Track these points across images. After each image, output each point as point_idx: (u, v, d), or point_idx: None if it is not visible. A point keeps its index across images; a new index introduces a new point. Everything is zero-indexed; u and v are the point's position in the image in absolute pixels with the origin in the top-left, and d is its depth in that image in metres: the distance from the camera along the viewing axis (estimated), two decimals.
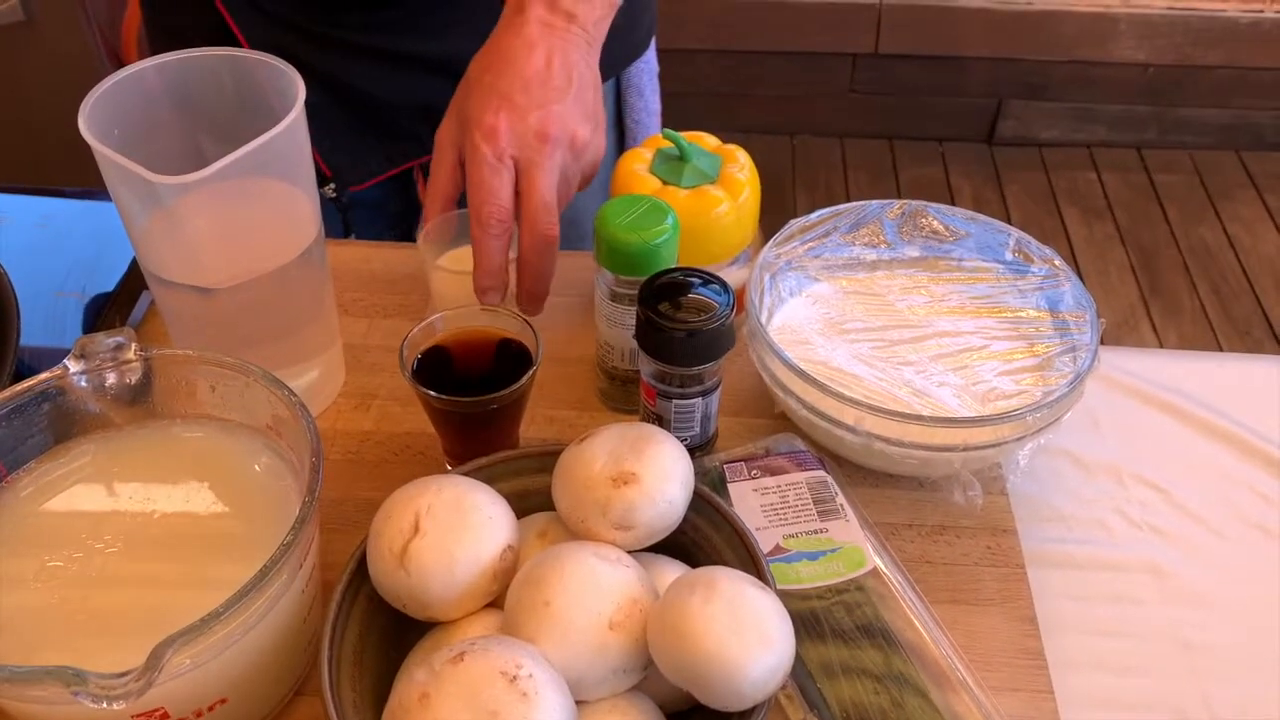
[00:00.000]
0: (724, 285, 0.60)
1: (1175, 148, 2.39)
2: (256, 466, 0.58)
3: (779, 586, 0.58)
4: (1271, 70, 2.28)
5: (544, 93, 0.64)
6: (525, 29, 0.66)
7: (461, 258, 0.72)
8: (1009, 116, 2.37)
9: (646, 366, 0.62)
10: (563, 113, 0.64)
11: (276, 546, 0.48)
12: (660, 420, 0.64)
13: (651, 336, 0.60)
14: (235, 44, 0.74)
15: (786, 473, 0.65)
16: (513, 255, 0.68)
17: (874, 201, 0.72)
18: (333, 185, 0.90)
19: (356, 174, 0.90)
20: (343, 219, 0.95)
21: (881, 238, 0.72)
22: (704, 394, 0.62)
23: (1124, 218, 2.24)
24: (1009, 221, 0.73)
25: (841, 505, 0.63)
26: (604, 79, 0.94)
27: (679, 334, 0.59)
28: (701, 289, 0.60)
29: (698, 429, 0.64)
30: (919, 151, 2.40)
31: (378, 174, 0.90)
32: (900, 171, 2.35)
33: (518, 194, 0.64)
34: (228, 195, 0.60)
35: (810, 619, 0.58)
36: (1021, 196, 2.28)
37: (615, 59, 0.94)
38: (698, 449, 0.66)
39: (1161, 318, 2.04)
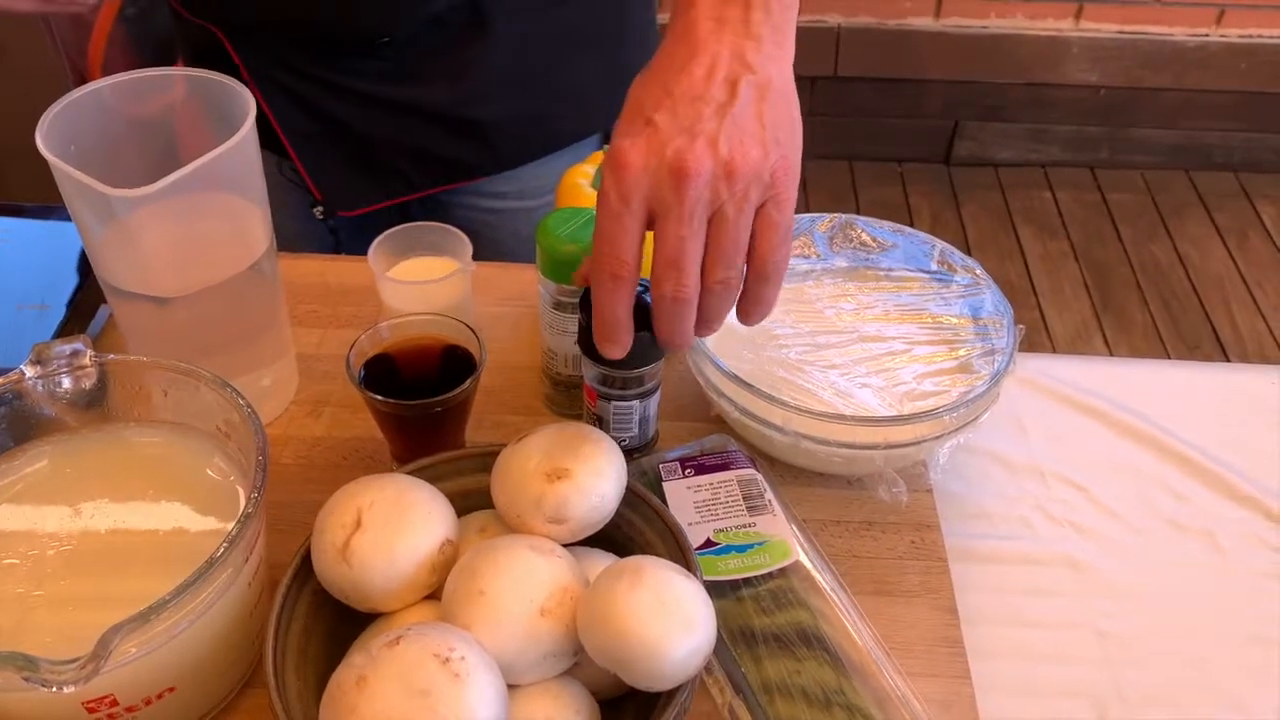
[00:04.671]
0: None
1: (1127, 167, 2.45)
2: (208, 469, 0.60)
3: (709, 577, 0.61)
4: (1218, 93, 2.35)
5: (694, 112, 0.50)
6: (692, 30, 0.52)
7: (411, 269, 0.75)
8: (965, 137, 2.42)
9: (588, 370, 0.65)
10: (714, 138, 0.49)
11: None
12: (601, 422, 0.66)
13: (591, 341, 0.63)
14: (241, 77, 0.74)
15: (719, 471, 0.68)
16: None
17: (805, 215, 0.75)
18: (321, 208, 0.92)
19: (347, 202, 0.92)
20: (333, 239, 0.97)
21: (812, 249, 0.76)
22: (641, 397, 0.65)
23: (1077, 235, 2.30)
24: (966, 240, 0.76)
25: (770, 501, 0.66)
26: (592, 132, 0.95)
27: None
28: (640, 295, 0.63)
29: (635, 430, 0.67)
30: (878, 172, 2.45)
31: (371, 205, 0.93)
32: (860, 192, 2.40)
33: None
34: (181, 209, 0.63)
35: (741, 610, 0.60)
36: (978, 215, 2.33)
37: (609, 114, 0.95)
38: (636, 450, 0.69)
39: (1114, 332, 2.09)
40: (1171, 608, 0.69)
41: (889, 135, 2.43)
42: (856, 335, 0.71)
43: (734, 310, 0.54)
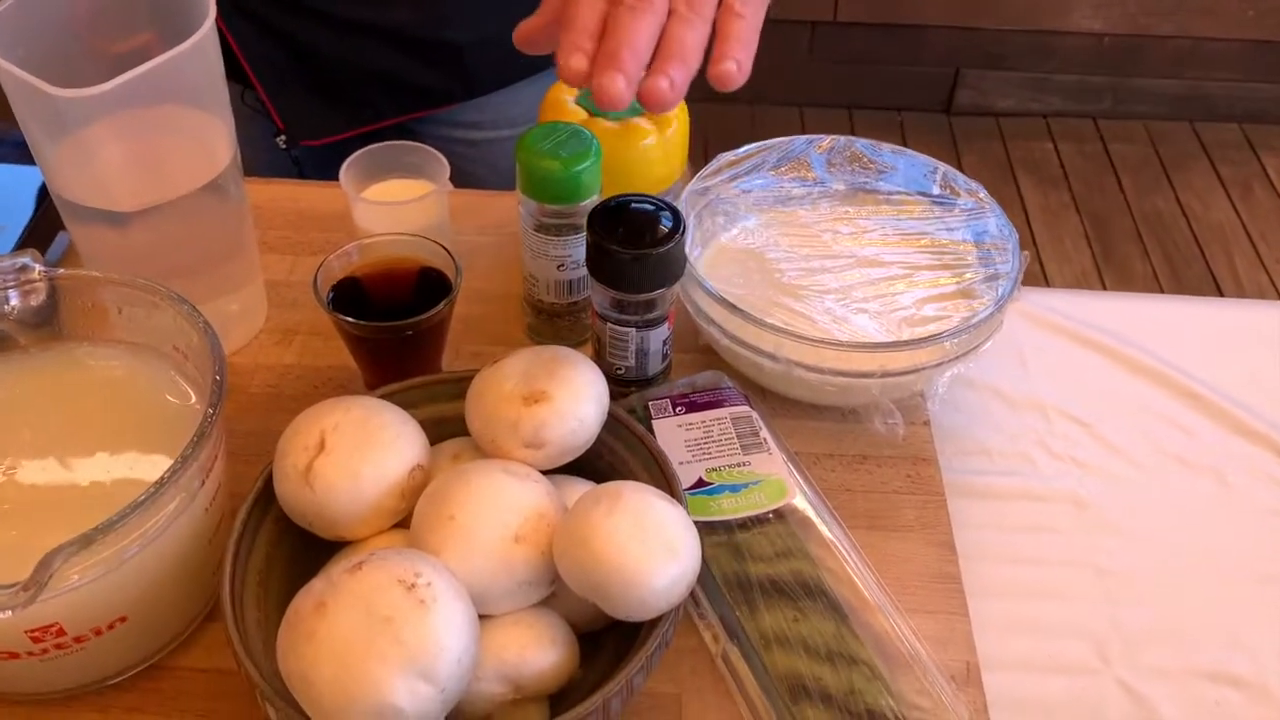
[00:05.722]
0: (675, 212, 0.60)
1: (1130, 118, 2.41)
2: (164, 390, 0.57)
3: (702, 518, 0.58)
4: (1223, 41, 2.29)
5: None
6: None
7: (385, 191, 0.71)
8: (966, 86, 2.37)
9: (595, 293, 0.62)
10: None
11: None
12: (600, 344, 0.63)
13: (597, 260, 0.59)
14: None
15: (711, 409, 0.65)
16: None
17: (801, 136, 0.72)
18: (284, 138, 0.88)
19: (312, 131, 0.89)
20: (297, 170, 0.93)
21: (809, 171, 0.72)
22: (641, 326, 0.61)
23: (1079, 187, 2.26)
24: None
25: (765, 439, 0.63)
26: None
27: (624, 257, 0.58)
28: (653, 214, 0.60)
29: (632, 361, 0.63)
30: (878, 121, 2.40)
31: (336, 134, 0.89)
32: None
33: None
34: (137, 121, 0.59)
35: (735, 553, 0.57)
36: (978, 166, 2.29)
37: None
38: (634, 384, 0.65)
39: (1114, 284, 2.05)
40: (1176, 546, 0.66)
41: (889, 83, 2.38)
42: (854, 260, 0.68)
43: (722, 237, 0.49)
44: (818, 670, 0.53)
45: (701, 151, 0.73)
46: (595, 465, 0.56)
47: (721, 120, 2.43)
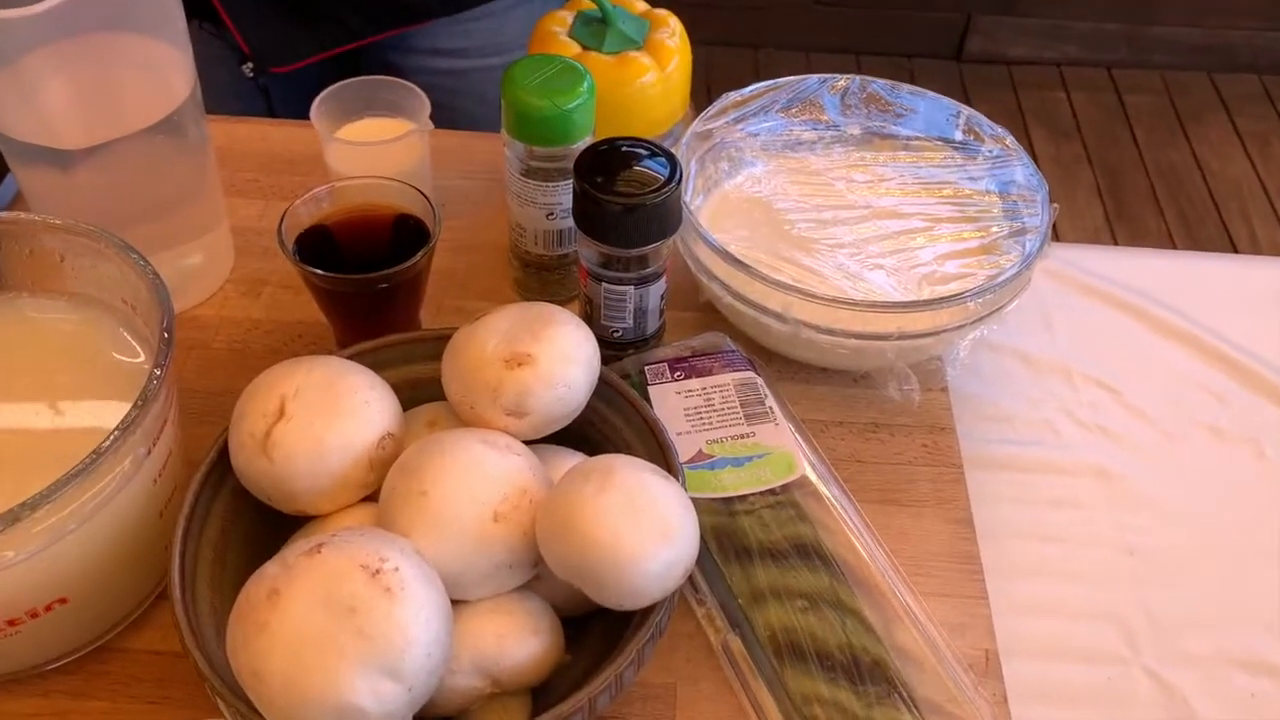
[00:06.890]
0: (671, 159, 0.54)
1: (1146, 68, 2.33)
2: (112, 347, 0.52)
3: (701, 494, 0.54)
4: None
5: None
6: None
7: (361, 130, 0.66)
8: (978, 32, 2.29)
9: (582, 246, 0.57)
10: None
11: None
12: (592, 306, 0.58)
13: (586, 211, 0.54)
14: None
15: (712, 374, 0.60)
16: None
17: (813, 76, 0.66)
18: (250, 65, 0.83)
19: (281, 56, 0.83)
20: (266, 102, 0.87)
21: (822, 114, 0.67)
22: (639, 282, 0.57)
23: (1092, 138, 2.19)
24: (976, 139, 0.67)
25: (771, 408, 0.58)
26: None
27: (615, 208, 0.53)
28: (647, 161, 0.54)
29: (630, 321, 0.58)
30: (886, 68, 2.32)
31: (306, 58, 0.83)
32: None
33: None
34: (83, 47, 0.54)
35: (736, 531, 0.53)
36: (989, 115, 2.20)
37: None
38: (631, 345, 0.60)
39: (1127, 240, 2.00)
40: (1208, 522, 0.62)
41: (898, 28, 2.30)
42: (869, 211, 0.62)
43: (727, 184, 0.45)
44: (812, 626, 0.49)
45: (705, 97, 0.68)
46: (585, 435, 0.52)
47: (726, 64, 2.35)
